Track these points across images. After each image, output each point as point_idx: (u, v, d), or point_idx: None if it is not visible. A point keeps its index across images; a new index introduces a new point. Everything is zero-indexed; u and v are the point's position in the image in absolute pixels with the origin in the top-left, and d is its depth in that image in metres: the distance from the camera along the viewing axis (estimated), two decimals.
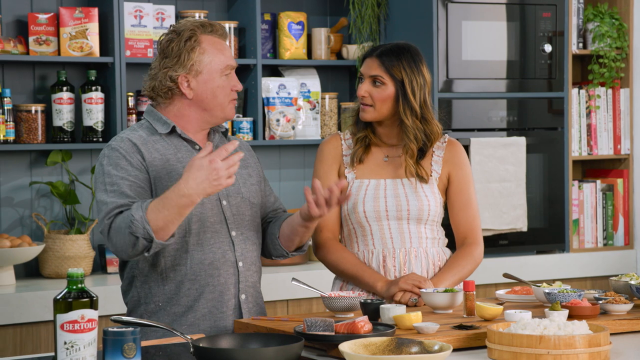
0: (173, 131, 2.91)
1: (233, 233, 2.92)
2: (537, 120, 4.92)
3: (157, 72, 2.90)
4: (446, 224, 3.22)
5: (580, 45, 5.09)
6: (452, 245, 3.22)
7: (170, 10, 4.51)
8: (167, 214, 2.68)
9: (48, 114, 4.34)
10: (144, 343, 2.53)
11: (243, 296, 2.94)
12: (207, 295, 2.88)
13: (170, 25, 3.00)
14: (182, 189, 2.66)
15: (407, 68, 3.09)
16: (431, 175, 3.16)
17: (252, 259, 2.97)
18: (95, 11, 4.32)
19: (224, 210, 2.92)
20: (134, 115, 4.41)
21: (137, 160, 2.84)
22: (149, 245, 2.71)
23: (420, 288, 2.96)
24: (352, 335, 2.44)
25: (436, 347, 2.30)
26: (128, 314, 2.91)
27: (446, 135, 3.21)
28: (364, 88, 3.12)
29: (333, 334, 2.47)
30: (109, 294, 3.84)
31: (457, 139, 3.26)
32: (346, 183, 2.94)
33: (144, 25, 4.43)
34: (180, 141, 2.92)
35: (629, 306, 2.81)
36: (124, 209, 2.74)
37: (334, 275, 3.22)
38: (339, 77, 4.98)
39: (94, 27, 4.31)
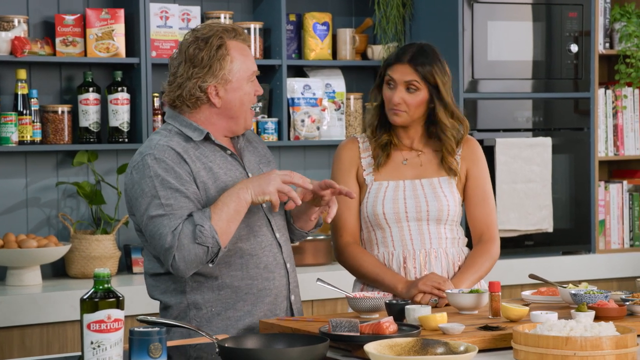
0: (205, 138, 2.85)
1: (277, 235, 2.91)
2: (563, 121, 4.90)
3: (184, 82, 2.80)
4: (465, 223, 3.21)
5: (607, 45, 5.06)
6: (471, 244, 3.21)
7: (195, 11, 4.52)
8: (226, 215, 2.70)
9: (74, 114, 4.36)
10: (170, 343, 2.53)
11: (293, 297, 2.94)
12: (265, 299, 2.86)
13: (192, 30, 2.86)
14: (236, 187, 2.71)
15: (438, 71, 3.09)
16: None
17: (293, 259, 2.98)
18: (121, 12, 4.34)
19: (265, 213, 2.90)
20: (159, 116, 4.43)
21: (185, 171, 2.77)
22: (216, 255, 2.71)
23: (439, 289, 2.96)
24: (377, 335, 2.44)
25: (462, 348, 2.29)
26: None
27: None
28: (399, 95, 3.09)
29: (358, 334, 2.47)
30: (135, 294, 3.85)
31: (483, 140, 3.26)
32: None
33: (169, 26, 4.44)
34: (213, 147, 2.87)
35: None
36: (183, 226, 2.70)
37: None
38: (364, 78, 4.97)
39: (120, 28, 4.33)
